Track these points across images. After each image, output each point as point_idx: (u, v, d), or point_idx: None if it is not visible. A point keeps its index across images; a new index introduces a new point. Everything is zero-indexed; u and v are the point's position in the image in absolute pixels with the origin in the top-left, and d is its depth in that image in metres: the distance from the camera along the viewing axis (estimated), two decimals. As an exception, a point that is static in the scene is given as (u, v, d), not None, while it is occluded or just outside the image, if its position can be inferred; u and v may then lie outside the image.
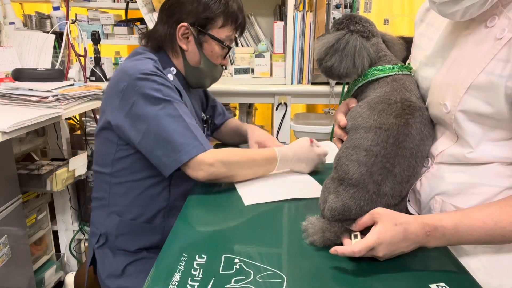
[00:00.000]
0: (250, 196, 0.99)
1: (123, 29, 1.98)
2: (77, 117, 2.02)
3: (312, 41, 1.81)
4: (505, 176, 0.72)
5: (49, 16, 1.93)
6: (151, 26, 1.83)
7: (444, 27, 0.81)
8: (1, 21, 1.78)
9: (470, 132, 0.72)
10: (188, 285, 0.63)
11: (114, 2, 1.98)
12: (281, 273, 0.67)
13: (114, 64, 2.07)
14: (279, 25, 1.83)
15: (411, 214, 0.71)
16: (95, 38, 1.85)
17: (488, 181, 0.73)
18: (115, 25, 1.98)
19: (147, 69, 1.04)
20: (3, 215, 1.45)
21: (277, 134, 1.90)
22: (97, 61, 1.90)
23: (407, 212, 0.82)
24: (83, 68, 1.88)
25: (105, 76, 1.90)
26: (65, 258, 2.08)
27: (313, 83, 1.85)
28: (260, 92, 1.88)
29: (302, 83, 1.87)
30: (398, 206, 0.77)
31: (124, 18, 1.98)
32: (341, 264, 0.70)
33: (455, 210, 0.74)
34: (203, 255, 0.72)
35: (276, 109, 1.88)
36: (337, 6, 1.74)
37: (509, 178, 0.72)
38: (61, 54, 1.87)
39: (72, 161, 1.73)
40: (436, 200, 0.78)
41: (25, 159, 1.86)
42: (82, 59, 1.86)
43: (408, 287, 0.64)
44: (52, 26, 1.90)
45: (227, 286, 0.63)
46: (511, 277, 0.72)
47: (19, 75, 1.60)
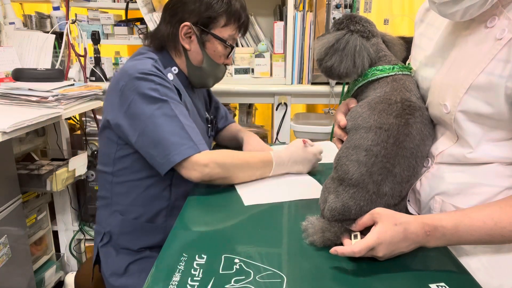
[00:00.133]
0: (250, 197, 0.99)
1: (123, 29, 1.97)
2: (77, 117, 2.02)
3: (312, 41, 1.81)
4: (505, 176, 0.72)
5: (49, 16, 1.93)
6: (151, 26, 1.83)
7: (444, 27, 0.80)
8: (1, 21, 1.78)
9: (470, 132, 0.72)
10: (188, 285, 0.63)
11: (114, 2, 1.98)
12: (281, 273, 0.67)
13: (114, 64, 2.07)
14: (279, 25, 1.83)
15: (411, 214, 0.71)
16: (95, 38, 1.85)
17: (488, 181, 0.73)
18: (115, 25, 1.98)
19: (146, 69, 1.05)
20: (3, 215, 1.45)
21: (277, 134, 1.90)
22: (97, 61, 1.90)
23: (407, 212, 0.82)
24: (83, 68, 1.88)
25: (105, 76, 1.90)
26: (65, 258, 2.08)
27: (313, 83, 1.85)
28: (260, 92, 1.88)
29: (302, 83, 1.87)
30: (398, 206, 0.77)
31: (124, 18, 1.98)
32: (341, 264, 0.70)
33: (455, 210, 0.74)
34: (203, 255, 0.72)
35: (276, 109, 1.88)
36: (337, 6, 1.74)
37: (509, 178, 0.72)
38: (61, 54, 1.87)
39: (72, 161, 1.73)
40: (436, 200, 0.78)
41: (25, 159, 1.86)
42: (82, 59, 1.86)
43: (408, 287, 0.65)
44: (52, 26, 1.90)
45: (227, 286, 0.64)
46: (511, 277, 0.72)
47: (19, 75, 1.60)
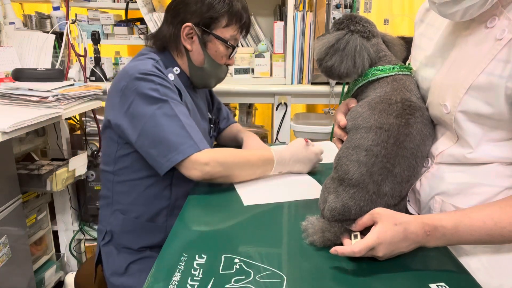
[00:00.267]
0: (250, 197, 0.99)
1: (123, 29, 1.97)
2: (77, 117, 2.02)
3: (312, 41, 1.81)
4: (505, 176, 0.72)
5: (49, 16, 1.93)
6: (151, 26, 1.83)
7: (444, 28, 0.80)
8: (1, 21, 1.78)
9: (470, 133, 0.72)
10: (188, 285, 0.63)
11: (114, 2, 1.98)
12: (281, 273, 0.67)
13: (114, 64, 2.07)
14: (279, 25, 1.83)
15: (411, 214, 0.71)
16: (95, 38, 1.85)
17: (488, 181, 0.73)
18: (115, 25, 1.98)
19: (146, 69, 1.05)
20: (3, 215, 1.45)
21: (277, 134, 1.90)
22: (97, 61, 1.90)
23: (407, 212, 0.82)
24: (83, 68, 1.88)
25: (105, 76, 1.90)
26: (65, 258, 2.08)
27: (313, 83, 1.85)
28: (260, 92, 1.88)
29: (302, 83, 1.87)
30: (398, 206, 0.77)
31: (124, 18, 1.98)
32: (341, 264, 0.70)
33: (455, 210, 0.74)
34: (203, 255, 0.72)
35: (276, 109, 1.88)
36: (337, 6, 1.74)
37: (509, 178, 0.72)
38: (61, 54, 1.87)
39: (72, 161, 1.73)
40: (436, 200, 0.78)
41: (25, 159, 1.86)
42: (82, 59, 1.86)
43: (408, 287, 0.65)
44: (52, 26, 1.90)
45: (227, 286, 0.64)
46: (511, 277, 0.72)
47: (19, 75, 1.60)
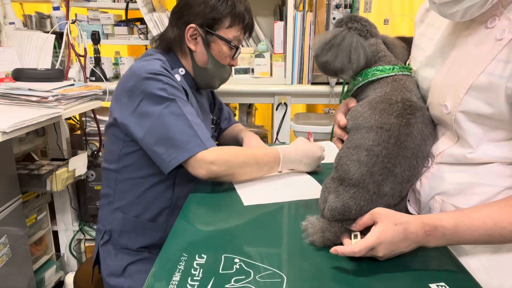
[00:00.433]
0: (250, 197, 0.99)
1: (123, 29, 1.97)
2: (77, 117, 2.01)
3: (312, 41, 1.81)
4: (505, 176, 0.72)
5: (49, 16, 1.93)
6: (151, 26, 1.84)
7: (444, 28, 0.80)
8: (1, 21, 1.78)
9: (471, 133, 0.72)
10: (188, 285, 0.63)
11: (114, 2, 1.98)
12: (281, 273, 0.67)
13: (114, 64, 2.07)
14: (279, 25, 1.83)
15: (411, 214, 0.71)
16: (95, 38, 1.85)
17: (488, 181, 0.73)
18: (115, 25, 1.98)
19: (154, 69, 1.07)
20: (3, 215, 1.45)
21: (277, 134, 1.90)
22: (97, 61, 1.90)
23: (407, 212, 0.82)
24: (83, 68, 1.87)
25: (105, 76, 1.90)
26: (65, 258, 2.08)
27: (313, 83, 1.85)
28: (260, 92, 1.88)
29: (302, 83, 1.87)
30: (398, 206, 0.77)
31: (124, 18, 1.98)
32: (341, 264, 0.70)
33: (455, 210, 0.74)
34: (203, 255, 0.72)
35: (276, 109, 1.88)
36: (337, 6, 1.75)
37: (509, 178, 0.72)
38: (61, 54, 1.86)
39: (72, 161, 1.73)
40: (436, 200, 0.78)
41: (25, 159, 1.86)
42: (82, 59, 1.86)
43: (408, 287, 0.65)
44: (52, 26, 1.90)
45: (227, 286, 0.64)
46: (511, 277, 0.72)
47: (19, 75, 1.60)
